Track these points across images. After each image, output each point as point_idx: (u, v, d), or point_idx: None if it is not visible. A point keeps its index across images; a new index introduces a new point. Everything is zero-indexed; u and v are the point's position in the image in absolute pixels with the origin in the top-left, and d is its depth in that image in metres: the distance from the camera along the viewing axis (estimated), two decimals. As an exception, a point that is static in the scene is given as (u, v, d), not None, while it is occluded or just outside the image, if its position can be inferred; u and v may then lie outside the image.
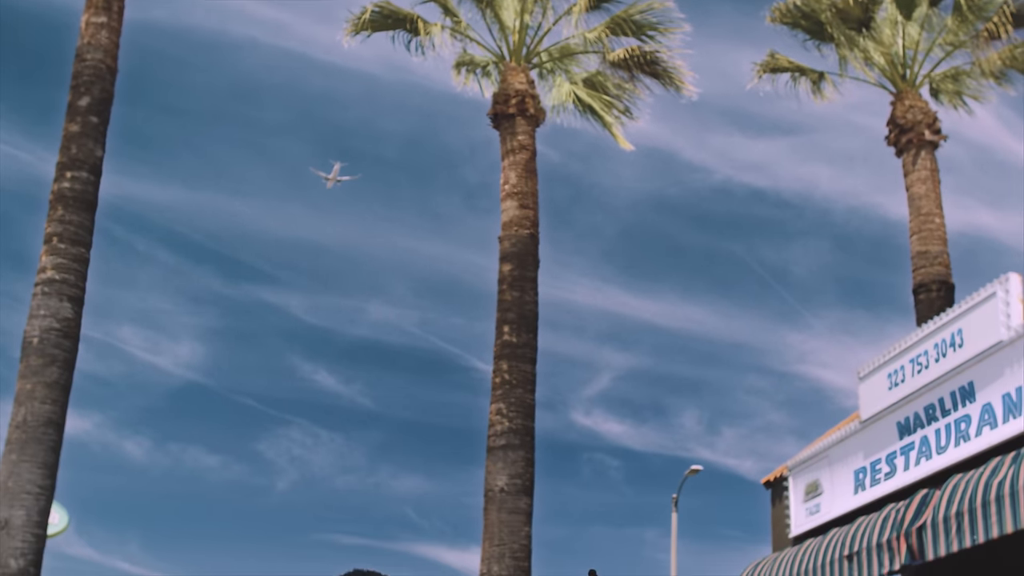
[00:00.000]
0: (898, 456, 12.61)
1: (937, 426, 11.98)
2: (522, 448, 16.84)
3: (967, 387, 11.55)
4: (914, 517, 11.49)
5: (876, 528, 12.11)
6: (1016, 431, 10.75)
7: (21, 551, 14.88)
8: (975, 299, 11.60)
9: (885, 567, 11.79)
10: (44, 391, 15.50)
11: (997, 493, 10.27)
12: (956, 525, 10.74)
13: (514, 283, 17.72)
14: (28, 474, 15.18)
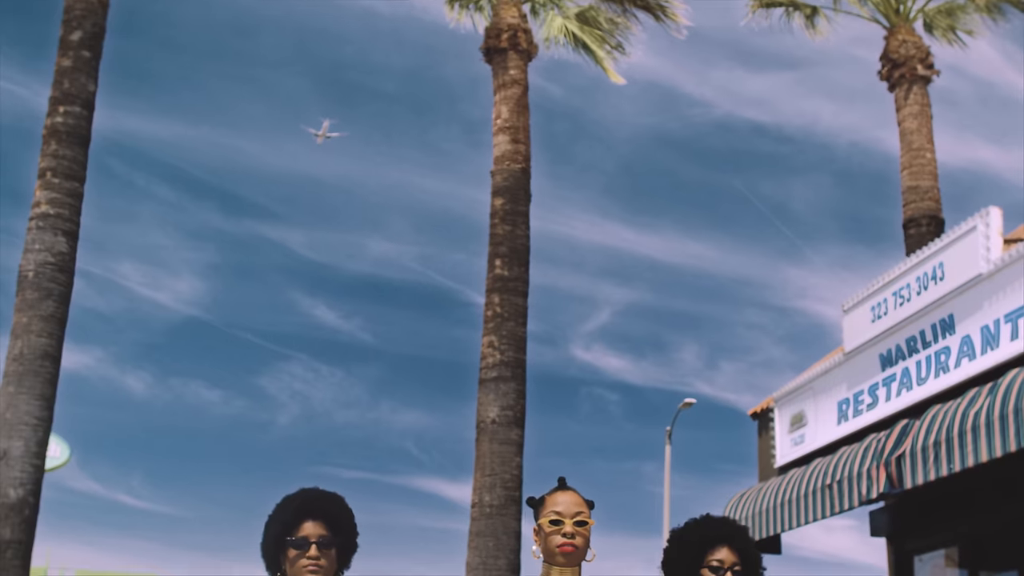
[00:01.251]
0: (880, 387, 12.84)
1: (918, 358, 12.19)
2: (513, 380, 17.08)
3: (947, 320, 11.74)
4: (894, 447, 11.73)
5: (857, 458, 12.37)
6: (993, 363, 10.96)
7: (20, 481, 15.17)
8: (956, 233, 11.76)
9: (864, 495, 12.06)
10: (40, 324, 15.72)
11: (973, 423, 10.50)
12: (934, 454, 10.99)
13: (506, 217, 17.87)
14: (26, 406, 15.43)
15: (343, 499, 4.01)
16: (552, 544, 3.92)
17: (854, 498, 12.30)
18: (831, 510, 12.72)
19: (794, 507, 13.17)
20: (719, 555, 4.06)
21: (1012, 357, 10.69)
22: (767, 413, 15.64)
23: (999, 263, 11.02)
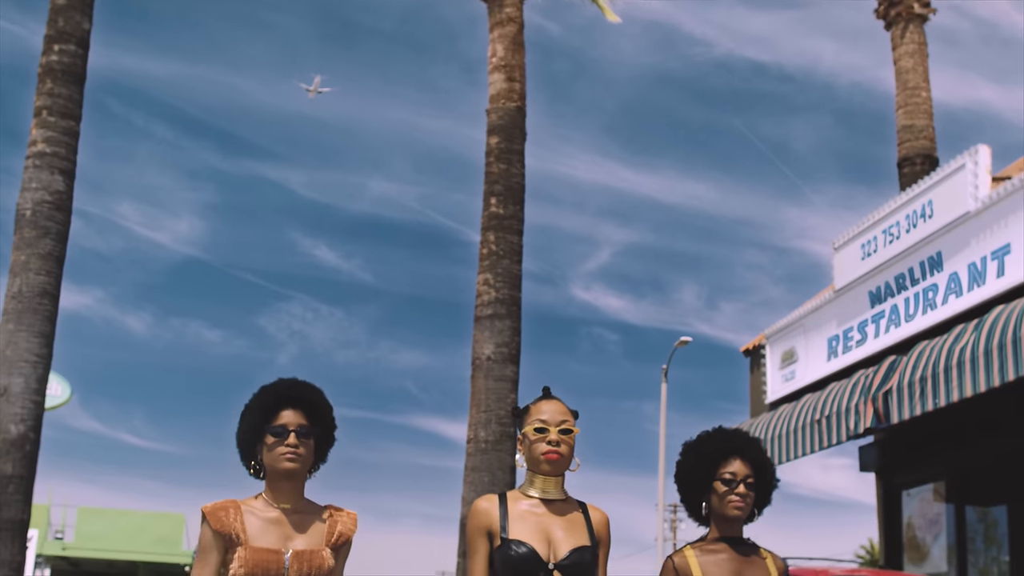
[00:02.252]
0: (869, 324, 12.98)
1: (906, 295, 12.32)
2: (508, 317, 17.21)
3: (935, 257, 11.86)
4: (881, 382, 11.90)
5: (846, 393, 12.55)
6: (979, 299, 11.09)
7: (21, 417, 15.36)
8: (945, 171, 11.85)
9: (852, 430, 12.25)
10: (38, 263, 15.83)
11: (959, 359, 10.65)
12: (920, 390, 11.15)
13: (501, 156, 17.91)
14: (25, 343, 15.59)
15: (322, 391, 3.91)
16: (537, 452, 3.90)
17: (842, 433, 12.49)
18: (820, 445, 12.92)
19: (784, 442, 13.38)
20: (732, 467, 4.03)
21: (998, 294, 10.82)
22: (759, 350, 15.80)
23: (986, 201, 11.12)
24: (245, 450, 3.81)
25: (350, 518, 3.84)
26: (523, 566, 3.75)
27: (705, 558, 4.01)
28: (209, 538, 3.67)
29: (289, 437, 3.69)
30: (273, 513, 3.72)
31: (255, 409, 3.78)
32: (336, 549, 3.76)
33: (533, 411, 3.96)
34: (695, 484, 4.10)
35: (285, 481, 3.74)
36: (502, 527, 3.84)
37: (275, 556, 3.61)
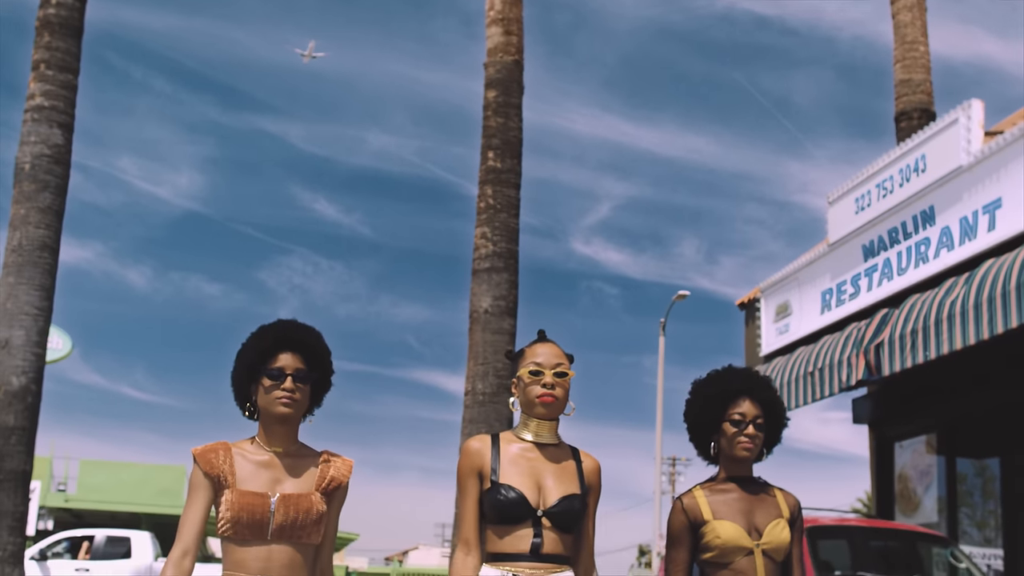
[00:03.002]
0: (862, 278, 13.07)
1: (899, 249, 12.40)
2: (506, 271, 17.31)
3: (928, 211, 11.93)
4: (873, 335, 12.01)
5: (838, 346, 12.66)
6: (970, 253, 11.16)
7: (22, 369, 15.52)
8: (938, 125, 11.89)
9: (844, 382, 12.37)
10: (38, 216, 15.93)
11: (949, 312, 10.75)
12: (911, 342, 11.26)
13: (498, 110, 17.94)
14: (26, 296, 15.72)
15: (321, 334, 3.82)
16: (531, 395, 3.85)
17: (835, 385, 12.61)
18: (812, 397, 13.05)
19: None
20: (741, 408, 4.00)
21: (988, 248, 10.89)
22: (754, 304, 15.91)
23: (979, 155, 11.18)
24: (240, 391, 3.73)
25: (345, 464, 3.76)
26: (511, 511, 3.72)
27: (715, 497, 3.99)
28: (198, 480, 3.62)
29: (286, 381, 3.62)
30: (264, 456, 3.66)
31: (252, 350, 3.70)
32: (327, 494, 3.68)
33: (528, 354, 3.92)
34: (704, 425, 4.08)
35: (279, 425, 3.68)
36: (493, 469, 3.79)
37: (261, 499, 3.54)
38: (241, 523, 3.50)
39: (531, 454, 3.85)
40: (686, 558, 3.97)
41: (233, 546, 3.54)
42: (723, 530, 3.88)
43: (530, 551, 3.71)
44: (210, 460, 3.61)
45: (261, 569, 3.51)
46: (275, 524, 3.54)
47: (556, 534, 3.74)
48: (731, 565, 3.88)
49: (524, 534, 3.72)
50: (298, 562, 3.57)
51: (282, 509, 3.54)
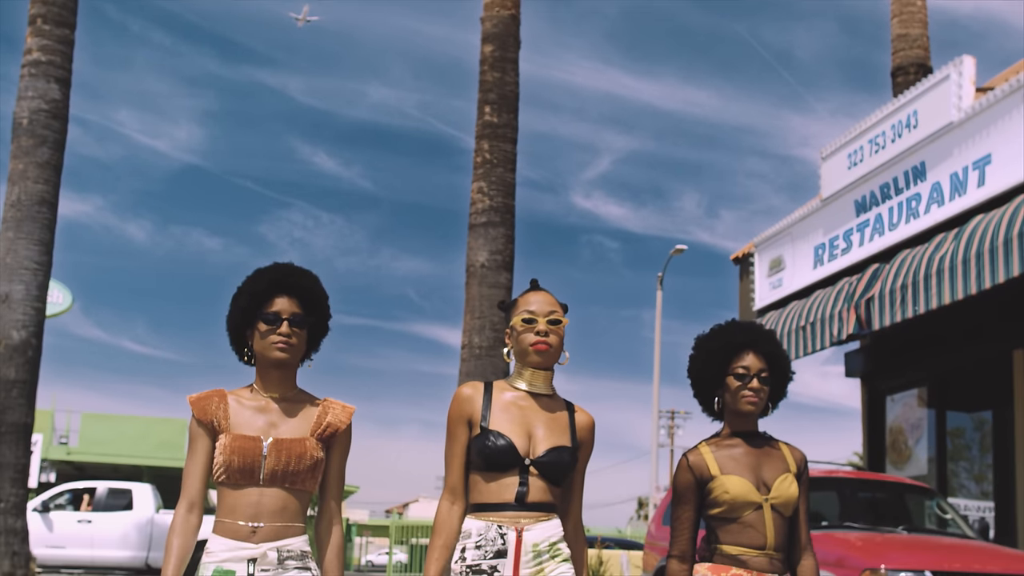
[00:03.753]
0: (854, 233, 13.17)
1: (890, 204, 12.50)
2: (502, 225, 17.40)
3: (919, 167, 12.01)
4: (864, 290, 12.14)
5: (830, 300, 12.80)
6: (960, 209, 11.27)
7: (22, 323, 15.65)
8: (930, 81, 11.95)
9: (835, 336, 12.52)
10: (36, 171, 16.01)
11: (938, 267, 10.87)
12: (900, 297, 11.39)
13: (495, 64, 17.95)
14: (25, 251, 15.83)
15: (318, 278, 3.74)
16: (525, 343, 3.78)
17: (826, 339, 12.76)
18: (804, 351, 13.20)
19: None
20: (745, 361, 3.91)
21: (977, 203, 10.99)
22: (748, 258, 16.02)
23: (969, 112, 11.25)
24: (235, 336, 3.67)
25: (344, 411, 3.68)
26: (499, 459, 3.68)
27: (721, 453, 3.93)
28: (194, 427, 3.59)
29: (282, 326, 3.55)
30: (260, 402, 3.62)
31: (246, 293, 3.62)
32: (324, 441, 3.61)
33: (521, 302, 3.86)
34: (708, 380, 4.01)
35: (275, 370, 3.61)
36: (483, 416, 3.74)
37: (254, 443, 3.49)
38: (233, 467, 3.47)
39: (523, 403, 3.79)
40: (693, 516, 3.92)
41: (227, 490, 3.51)
42: (731, 485, 3.84)
43: (515, 499, 3.67)
44: (203, 407, 3.57)
45: (252, 515, 3.48)
46: (267, 469, 3.49)
47: (543, 484, 3.70)
48: (740, 520, 3.85)
49: (510, 483, 3.68)
50: (291, 508, 3.54)
51: (274, 454, 3.49)
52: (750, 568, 3.81)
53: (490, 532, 3.65)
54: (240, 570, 3.46)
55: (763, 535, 3.82)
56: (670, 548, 3.94)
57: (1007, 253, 9.90)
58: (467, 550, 3.67)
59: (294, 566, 3.52)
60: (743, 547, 3.83)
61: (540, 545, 3.67)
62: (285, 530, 3.53)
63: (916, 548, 8.91)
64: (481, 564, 3.63)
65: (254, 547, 3.47)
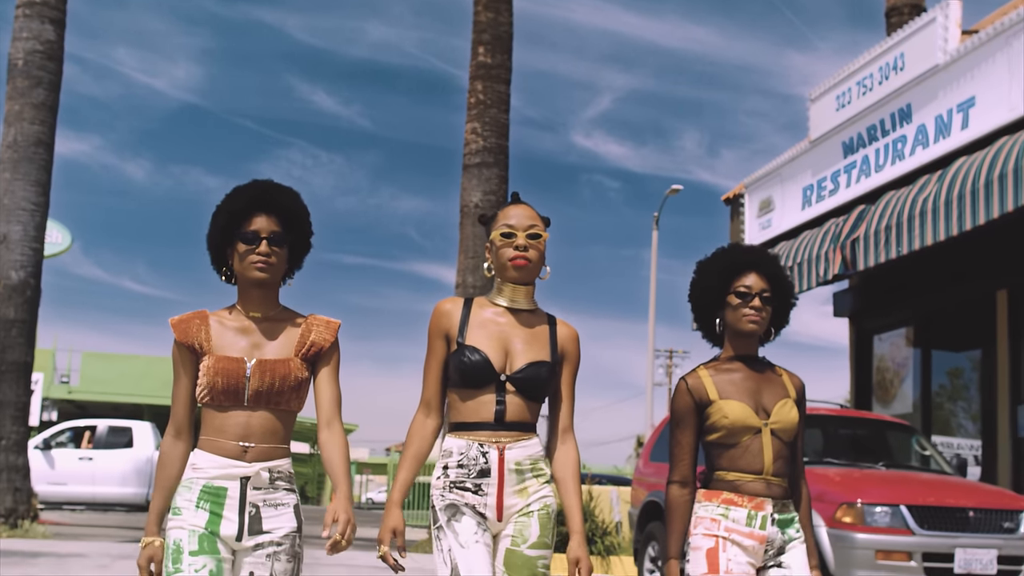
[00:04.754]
0: (841, 174, 13.31)
1: (877, 146, 12.63)
2: (496, 166, 17.51)
3: (905, 109, 12.13)
4: (850, 231, 12.31)
5: (816, 241, 12.96)
6: (944, 151, 11.40)
7: (21, 263, 15.84)
8: (917, 24, 12.03)
9: (821, 276, 12.70)
10: (32, 112, 16.11)
11: (921, 209, 11.03)
12: (884, 238, 11.56)
13: (489, 4, 17.95)
14: (22, 191, 15.97)
15: (299, 194, 3.66)
16: (504, 258, 3.71)
17: (812, 279, 12.94)
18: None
19: (757, 288, 13.80)
20: (747, 281, 3.83)
21: (961, 146, 11.12)
22: (738, 199, 16.16)
23: (954, 55, 11.35)
24: (216, 255, 3.61)
25: (328, 327, 3.63)
26: (474, 374, 3.64)
27: (720, 377, 3.86)
28: (177, 351, 3.57)
29: (261, 245, 3.49)
30: (243, 322, 3.57)
31: (225, 212, 3.55)
32: (308, 360, 3.57)
33: (500, 216, 3.78)
34: (709, 301, 3.92)
35: (256, 289, 3.56)
36: (460, 331, 3.70)
37: (237, 364, 3.47)
38: (217, 388, 3.45)
39: (502, 318, 3.74)
40: (692, 440, 3.85)
41: (212, 412, 3.50)
42: (730, 410, 3.77)
43: (494, 418, 3.63)
44: (184, 329, 3.54)
45: (241, 436, 3.45)
46: (251, 390, 3.46)
47: (521, 401, 3.67)
48: (739, 445, 3.78)
49: (487, 400, 3.65)
50: (279, 429, 3.51)
51: (258, 374, 3.46)
52: (742, 493, 3.76)
53: (471, 451, 3.63)
54: (232, 488, 3.45)
55: (760, 460, 3.77)
56: (670, 474, 3.89)
57: (988, 195, 10.06)
58: (450, 468, 3.66)
59: (283, 487, 3.51)
60: (740, 472, 3.78)
61: (523, 464, 3.65)
62: (275, 451, 3.50)
63: (892, 484, 9.16)
64: (466, 483, 3.63)
65: (247, 466, 3.44)
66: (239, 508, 3.45)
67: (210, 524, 3.42)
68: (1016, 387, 12.63)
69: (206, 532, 3.42)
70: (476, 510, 3.62)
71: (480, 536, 3.60)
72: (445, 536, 3.61)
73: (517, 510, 3.66)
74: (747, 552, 3.76)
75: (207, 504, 3.44)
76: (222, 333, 3.54)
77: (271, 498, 3.49)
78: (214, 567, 3.39)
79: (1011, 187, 9.76)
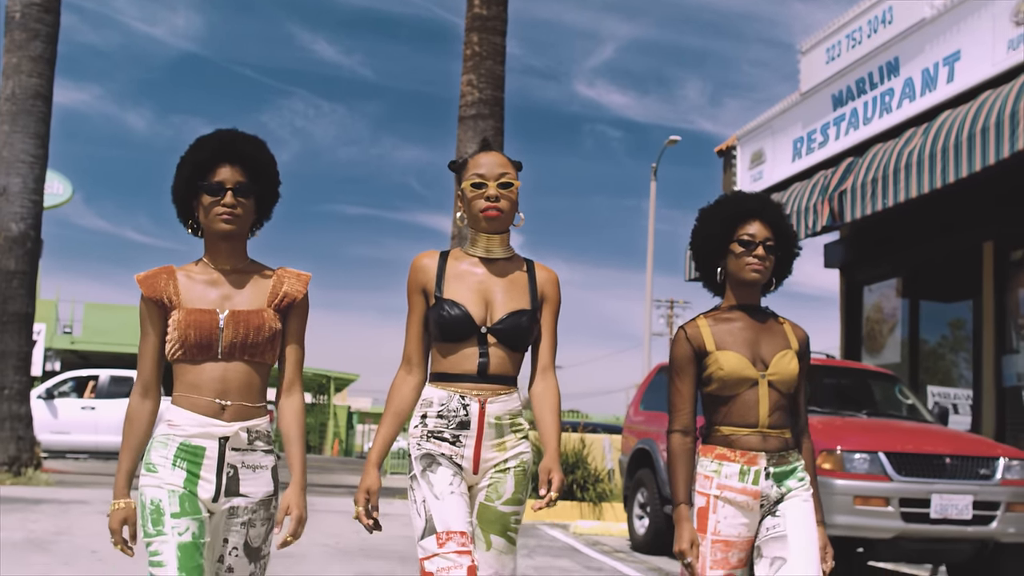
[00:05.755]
0: (831, 127, 13.44)
1: (865, 99, 12.75)
2: (491, 117, 17.60)
3: (893, 62, 12.24)
4: (838, 183, 12.46)
5: (806, 193, 13.11)
6: (930, 104, 11.53)
7: (20, 216, 16.01)
8: (906, -23, 12.13)
9: (810, 228, 12.86)
10: (30, 65, 16.22)
11: (907, 161, 11.17)
12: (871, 190, 11.71)
13: (484, -44, 17.99)
14: (21, 144, 16.12)
15: (264, 143, 3.58)
16: (475, 209, 3.63)
17: (801, 231, 13.09)
18: (780, 242, 13.52)
19: (748, 240, 13.97)
20: (750, 229, 3.75)
21: (946, 99, 11.26)
22: (731, 151, 16.29)
23: (941, 8, 11.45)
24: (181, 208, 3.53)
25: (299, 279, 3.56)
26: (455, 328, 3.59)
27: (719, 327, 3.79)
28: (144, 307, 3.46)
29: (226, 196, 3.40)
30: (212, 275, 3.49)
31: (190, 163, 3.46)
32: (281, 311, 3.50)
33: (471, 165, 3.68)
34: (711, 249, 3.84)
35: (223, 242, 3.48)
36: (438, 285, 3.64)
37: (209, 316, 3.39)
38: (189, 341, 3.37)
39: (478, 269, 3.68)
40: (691, 390, 3.79)
41: (185, 366, 3.41)
42: (726, 361, 3.71)
43: (477, 371, 3.59)
44: (152, 284, 3.45)
45: (218, 391, 3.38)
46: (225, 342, 3.38)
47: (504, 353, 3.62)
48: (736, 398, 3.72)
49: (470, 353, 3.60)
50: (255, 384, 3.44)
51: (231, 326, 3.39)
52: (735, 448, 3.71)
53: (452, 402, 3.59)
54: (211, 448, 3.37)
55: (756, 412, 3.71)
56: (670, 423, 3.82)
57: (970, 149, 10.20)
58: (428, 417, 3.62)
59: (262, 448, 3.45)
60: (735, 426, 3.73)
61: (502, 419, 3.62)
62: (253, 411, 3.43)
63: (872, 431, 9.37)
64: (444, 432, 3.59)
65: (225, 425, 3.37)
66: (217, 469, 3.37)
67: (187, 484, 3.34)
68: (1001, 337, 12.82)
69: (186, 492, 3.33)
70: (453, 460, 3.59)
71: (456, 486, 3.57)
72: (420, 487, 3.57)
73: (493, 464, 3.63)
74: (741, 509, 3.71)
75: (184, 463, 3.35)
76: (191, 287, 3.45)
77: (249, 459, 3.42)
78: (196, 529, 3.31)
79: (992, 141, 9.90)
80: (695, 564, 3.67)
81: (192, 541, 3.28)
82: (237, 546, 3.40)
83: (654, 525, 11.24)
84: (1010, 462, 8.99)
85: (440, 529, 3.46)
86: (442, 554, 3.44)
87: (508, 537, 3.63)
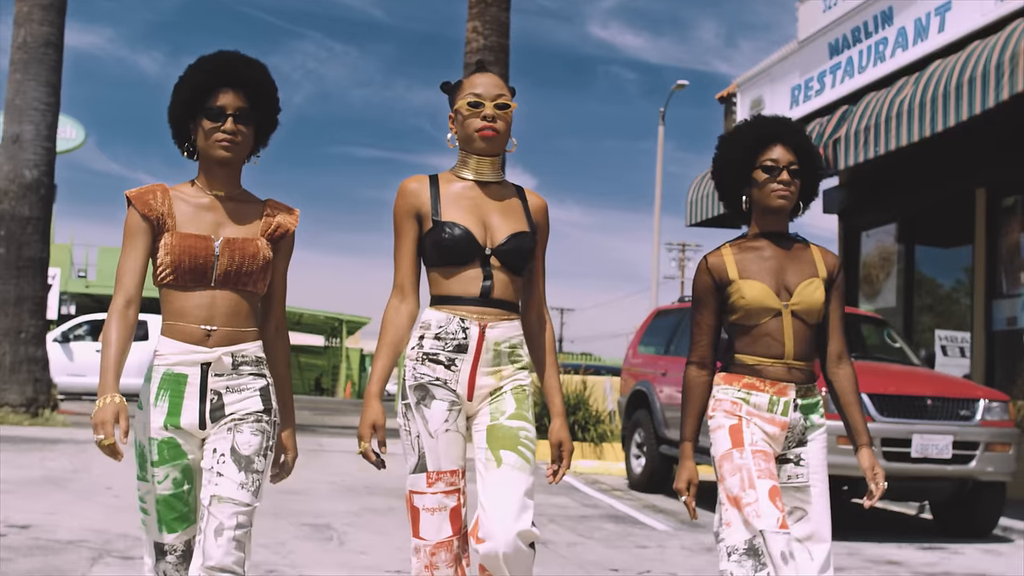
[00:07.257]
0: (827, 75, 13.65)
1: (860, 48, 12.95)
2: (496, 65, 17.74)
3: (887, 11, 12.43)
4: (832, 130, 12.68)
5: (802, 141, 13.33)
6: (921, 53, 11.74)
7: (34, 162, 16.31)
8: (900, -73, 12.29)
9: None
10: (40, 13, 16.44)
11: (899, 110, 11.40)
12: (864, 138, 11.94)
13: (490, -97, 18.07)
14: (33, 92, 16.38)
15: (266, 67, 3.49)
16: (470, 128, 3.54)
17: (796, 179, 13.33)
18: (776, 188, 13.77)
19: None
20: (773, 154, 3.65)
21: (937, 49, 11.46)
22: (731, 97, 16.49)
23: (934, -42, 11.63)
24: (178, 129, 3.44)
25: (291, 213, 3.52)
26: (457, 249, 3.50)
27: (743, 255, 3.71)
28: (135, 223, 3.35)
29: (226, 122, 3.33)
30: (205, 199, 3.41)
31: (188, 85, 3.37)
32: (273, 241, 3.45)
33: (466, 85, 3.60)
34: (734, 176, 3.73)
35: (220, 167, 3.41)
36: (433, 209, 3.54)
37: (204, 242, 3.32)
38: (183, 268, 3.30)
39: (473, 192, 3.59)
40: (711, 321, 3.73)
41: (174, 293, 3.34)
42: (748, 290, 3.63)
43: (480, 294, 3.51)
44: (147, 201, 3.35)
45: (205, 317, 3.32)
46: (219, 269, 3.32)
47: (507, 276, 3.55)
48: (759, 328, 3.65)
49: (473, 275, 3.52)
50: (244, 310, 3.37)
51: (227, 253, 3.33)
52: (764, 377, 3.63)
53: (451, 325, 3.52)
54: (192, 374, 3.32)
55: (781, 343, 3.63)
56: (689, 355, 3.80)
57: (958, 98, 10.42)
58: (425, 339, 3.54)
59: (249, 372, 3.37)
60: (759, 356, 3.65)
61: (502, 345, 3.54)
62: (241, 335, 3.36)
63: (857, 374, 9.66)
64: (439, 355, 3.51)
65: (208, 351, 3.30)
66: (199, 395, 3.32)
67: (170, 417, 3.32)
68: (992, 282, 13.09)
69: (166, 437, 3.32)
70: (448, 386, 3.50)
71: (452, 422, 3.50)
72: (414, 419, 3.51)
73: (489, 391, 3.54)
74: (769, 437, 3.65)
75: (167, 393, 3.32)
76: (184, 209, 3.37)
77: (235, 384, 3.35)
78: (178, 475, 3.32)
79: (979, 90, 10.12)
80: (690, 503, 3.70)
81: (172, 492, 3.32)
82: (224, 452, 3.29)
83: (650, 464, 11.61)
84: (990, 404, 9.31)
85: (431, 468, 3.46)
86: (430, 493, 3.46)
87: (520, 452, 3.48)
